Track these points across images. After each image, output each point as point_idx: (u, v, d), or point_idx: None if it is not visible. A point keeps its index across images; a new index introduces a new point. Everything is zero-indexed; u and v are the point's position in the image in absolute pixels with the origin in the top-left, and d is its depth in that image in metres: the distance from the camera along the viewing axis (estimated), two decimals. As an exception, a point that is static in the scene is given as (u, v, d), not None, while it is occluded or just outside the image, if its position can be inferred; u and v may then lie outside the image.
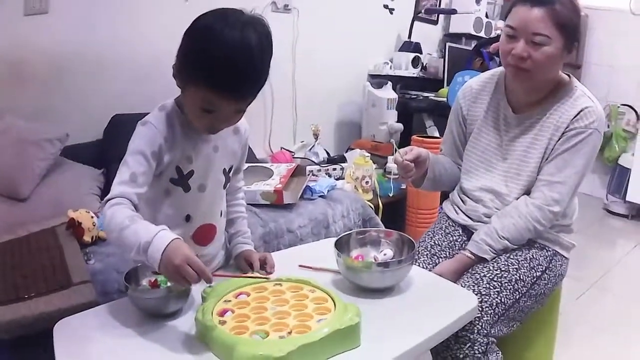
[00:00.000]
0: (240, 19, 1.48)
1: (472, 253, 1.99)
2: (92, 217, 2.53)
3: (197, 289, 1.54)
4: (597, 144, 1.95)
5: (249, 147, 1.95)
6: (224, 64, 1.43)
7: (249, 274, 1.69)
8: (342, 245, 1.75)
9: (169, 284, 1.51)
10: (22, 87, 3.07)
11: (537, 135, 2.01)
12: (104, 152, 3.27)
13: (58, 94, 3.21)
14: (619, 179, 5.76)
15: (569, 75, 2.05)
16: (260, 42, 1.48)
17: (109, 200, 1.50)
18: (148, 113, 1.63)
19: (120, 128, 3.23)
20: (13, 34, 2.98)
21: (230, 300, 1.49)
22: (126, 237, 1.42)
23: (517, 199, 2.03)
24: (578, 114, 1.93)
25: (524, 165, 2.03)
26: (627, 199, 5.61)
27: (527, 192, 2.03)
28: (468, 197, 2.18)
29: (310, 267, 1.80)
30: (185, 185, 1.66)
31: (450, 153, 2.33)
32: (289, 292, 1.51)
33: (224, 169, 1.76)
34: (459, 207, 2.23)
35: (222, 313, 1.42)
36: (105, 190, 3.02)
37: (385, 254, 1.78)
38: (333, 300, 1.45)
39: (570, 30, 1.89)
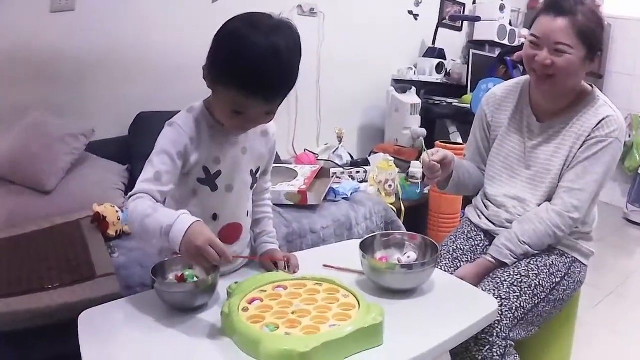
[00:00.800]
0: (269, 23, 1.51)
1: (493, 257, 2.02)
2: (117, 211, 2.59)
3: (223, 285, 1.59)
4: (617, 152, 1.98)
5: (274, 148, 1.99)
6: (253, 68, 1.46)
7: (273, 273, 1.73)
8: (366, 247, 1.77)
9: (195, 278, 1.56)
10: (48, 83, 3.13)
11: (560, 144, 2.05)
12: (129, 149, 3.32)
13: (84, 90, 3.27)
14: (639, 188, 5.74)
15: (591, 86, 2.09)
16: (288, 46, 1.51)
17: (132, 195, 1.56)
18: (172, 112, 1.68)
19: (145, 126, 3.31)
20: (40, 30, 3.05)
21: (265, 291, 1.53)
22: (149, 224, 1.47)
23: (539, 205, 2.07)
24: (599, 122, 1.97)
25: (546, 172, 2.07)
26: (647, 208, 5.56)
27: (549, 199, 2.06)
28: (491, 202, 2.22)
29: (334, 267, 1.83)
30: (213, 185, 1.69)
31: (473, 158, 2.36)
32: (323, 293, 1.54)
33: (251, 170, 1.79)
34: (482, 212, 2.26)
35: (251, 301, 1.47)
36: (129, 186, 3.07)
37: (409, 257, 1.80)
38: (357, 300, 1.49)
39: (592, 40, 1.93)
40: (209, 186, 1.69)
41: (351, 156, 4.46)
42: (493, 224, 2.19)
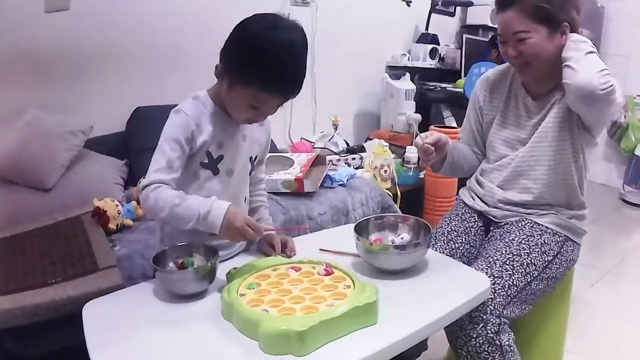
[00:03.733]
0: (284, 24, 1.63)
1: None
2: (117, 205, 2.62)
3: (222, 270, 1.63)
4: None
5: (270, 138, 2.05)
6: (278, 67, 1.58)
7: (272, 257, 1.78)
8: (361, 230, 1.82)
9: (195, 265, 1.61)
10: (45, 81, 3.14)
11: (558, 114, 2.07)
12: (127, 144, 3.35)
13: (81, 87, 3.28)
14: (635, 169, 5.77)
15: None
16: (302, 43, 1.63)
17: (146, 186, 1.63)
18: (169, 105, 1.76)
19: (143, 120, 3.35)
20: (35, 29, 3.05)
21: (269, 275, 1.60)
22: (179, 212, 1.61)
23: (535, 187, 2.11)
24: None
25: (546, 150, 2.09)
26: (643, 189, 5.60)
27: (546, 181, 2.10)
28: (489, 181, 2.24)
29: (331, 251, 1.87)
30: (215, 168, 1.76)
31: (468, 141, 2.40)
32: (322, 276, 1.59)
33: (251, 157, 1.87)
34: (475, 194, 2.29)
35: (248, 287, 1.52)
36: (128, 180, 3.12)
37: (402, 238, 1.84)
38: (352, 281, 1.53)
39: (548, 16, 1.97)
40: (211, 170, 1.76)
41: (347, 143, 4.49)
42: (487, 204, 2.23)
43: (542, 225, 2.09)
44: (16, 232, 2.50)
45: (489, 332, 1.81)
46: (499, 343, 1.82)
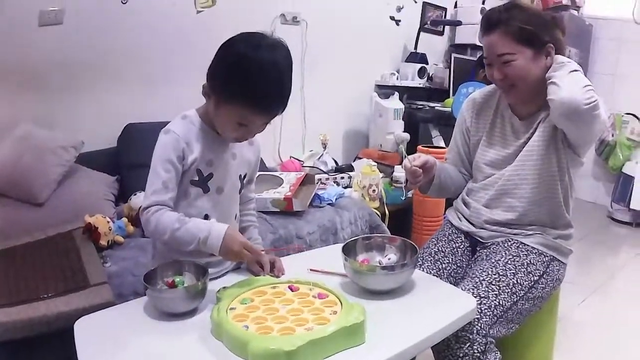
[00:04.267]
0: (268, 42, 1.66)
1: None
2: (108, 222, 2.62)
3: (212, 289, 1.65)
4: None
5: (259, 157, 2.07)
6: (262, 86, 1.61)
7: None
8: (349, 250, 1.83)
9: (185, 284, 1.63)
10: (37, 96, 3.16)
11: (544, 133, 2.09)
12: (118, 160, 3.35)
13: (72, 102, 3.30)
14: (623, 187, 5.79)
15: None
16: (286, 62, 1.67)
17: (146, 208, 1.67)
18: (160, 123, 1.80)
19: (133, 136, 3.36)
20: (28, 44, 3.08)
21: (265, 292, 1.63)
22: (181, 236, 1.67)
23: (521, 206, 2.13)
24: None
25: (532, 170, 2.11)
26: (631, 206, 5.65)
27: (532, 200, 2.12)
28: (475, 201, 2.26)
29: (320, 271, 1.88)
30: (205, 186, 1.78)
31: (454, 162, 2.42)
32: (306, 296, 1.61)
33: (240, 175, 1.89)
34: (462, 214, 2.32)
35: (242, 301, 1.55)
36: (119, 196, 3.13)
37: (389, 259, 1.86)
38: (340, 301, 1.54)
39: (532, 37, 2.01)
40: (201, 188, 1.78)
41: (336, 162, 4.50)
42: (473, 225, 2.25)
43: (528, 245, 2.11)
44: (8, 246, 2.51)
45: (476, 351, 1.82)
46: (485, 362, 1.83)
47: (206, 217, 1.79)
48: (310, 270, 1.90)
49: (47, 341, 1.92)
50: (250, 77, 1.60)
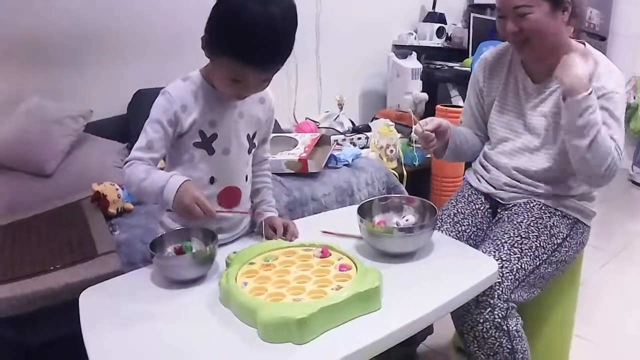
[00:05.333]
0: None
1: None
2: (116, 189, 2.59)
3: (221, 255, 1.60)
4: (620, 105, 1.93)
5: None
6: (248, 37, 1.51)
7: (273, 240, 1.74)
8: (364, 211, 1.77)
9: (194, 250, 1.59)
10: (45, 67, 3.12)
11: (557, 103, 2.00)
12: (128, 127, 3.32)
13: (81, 72, 3.27)
14: (644, 150, 5.69)
15: (584, 44, 2.04)
16: (283, 15, 1.54)
17: (126, 162, 1.65)
18: None
19: (144, 103, 3.24)
20: (34, 14, 3.03)
21: (254, 263, 1.54)
22: (145, 187, 1.62)
23: (539, 170, 2.05)
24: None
25: (547, 133, 2.04)
26: (652, 170, 5.54)
27: (551, 163, 2.04)
28: (492, 166, 2.20)
29: (333, 233, 1.83)
30: (209, 148, 1.73)
31: (469, 124, 2.35)
32: (316, 258, 1.56)
33: (248, 134, 1.82)
34: (481, 176, 2.25)
35: (247, 275, 1.48)
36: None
37: (407, 220, 1.80)
38: (355, 265, 1.49)
39: None
40: (206, 149, 1.73)
41: (353, 123, 4.44)
42: (493, 187, 2.18)
43: (550, 207, 2.04)
44: (15, 219, 2.49)
45: (497, 317, 1.77)
46: (506, 328, 1.79)
47: (212, 179, 1.75)
48: (323, 232, 1.85)
49: (55, 314, 1.88)
50: (237, 29, 1.51)
